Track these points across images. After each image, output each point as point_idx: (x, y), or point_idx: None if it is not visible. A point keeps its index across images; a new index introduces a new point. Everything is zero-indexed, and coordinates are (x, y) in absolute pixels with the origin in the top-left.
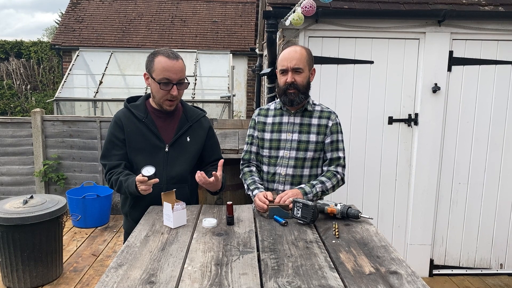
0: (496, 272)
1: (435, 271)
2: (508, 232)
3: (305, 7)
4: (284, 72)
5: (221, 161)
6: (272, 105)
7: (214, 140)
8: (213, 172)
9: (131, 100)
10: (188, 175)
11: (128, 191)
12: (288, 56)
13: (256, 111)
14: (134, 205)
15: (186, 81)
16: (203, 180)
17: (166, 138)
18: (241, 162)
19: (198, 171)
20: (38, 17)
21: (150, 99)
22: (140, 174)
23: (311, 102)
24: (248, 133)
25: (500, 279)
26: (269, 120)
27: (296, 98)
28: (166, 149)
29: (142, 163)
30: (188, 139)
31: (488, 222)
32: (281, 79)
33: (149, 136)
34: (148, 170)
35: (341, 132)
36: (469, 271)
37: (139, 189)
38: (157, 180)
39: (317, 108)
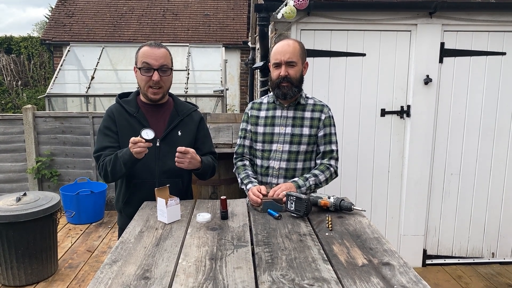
0: (488, 261)
1: (428, 261)
2: (500, 221)
3: (298, 0)
4: (278, 65)
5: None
6: (265, 99)
7: (205, 132)
8: (178, 148)
9: (123, 95)
10: (182, 170)
11: (123, 160)
12: (281, 49)
13: (249, 105)
14: (128, 201)
15: (170, 68)
16: (180, 159)
17: (157, 132)
18: (235, 156)
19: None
20: (30, 12)
21: (141, 94)
22: (138, 137)
23: (304, 95)
24: (241, 127)
25: (492, 268)
26: (262, 114)
27: (289, 91)
28: (157, 144)
29: None
30: (179, 133)
31: (480, 212)
32: (274, 73)
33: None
34: (148, 134)
35: (334, 125)
36: (461, 260)
37: (133, 152)
38: (150, 144)
39: (310, 101)
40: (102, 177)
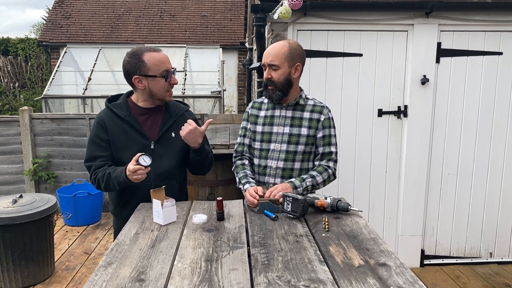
0: (486, 260)
1: (426, 261)
2: (497, 221)
3: (292, 0)
4: (264, 67)
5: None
6: (265, 99)
7: None
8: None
9: (112, 99)
10: (176, 171)
11: (117, 181)
12: (266, 52)
13: (250, 104)
14: (123, 204)
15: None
16: (187, 131)
17: (150, 135)
18: (234, 154)
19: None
20: (29, 13)
21: (132, 97)
22: (132, 162)
23: (303, 96)
24: (241, 126)
25: (490, 268)
26: (262, 113)
27: (273, 95)
28: (152, 146)
29: (128, 162)
30: (173, 135)
31: (478, 211)
32: (264, 75)
33: (133, 134)
34: (145, 160)
35: (334, 127)
36: (459, 260)
37: (132, 178)
38: (149, 168)
39: (310, 102)
40: (95, 187)
